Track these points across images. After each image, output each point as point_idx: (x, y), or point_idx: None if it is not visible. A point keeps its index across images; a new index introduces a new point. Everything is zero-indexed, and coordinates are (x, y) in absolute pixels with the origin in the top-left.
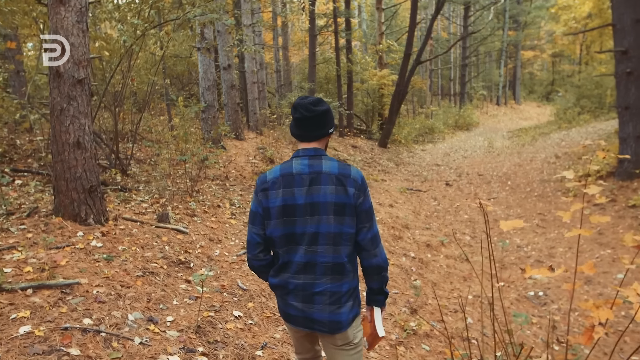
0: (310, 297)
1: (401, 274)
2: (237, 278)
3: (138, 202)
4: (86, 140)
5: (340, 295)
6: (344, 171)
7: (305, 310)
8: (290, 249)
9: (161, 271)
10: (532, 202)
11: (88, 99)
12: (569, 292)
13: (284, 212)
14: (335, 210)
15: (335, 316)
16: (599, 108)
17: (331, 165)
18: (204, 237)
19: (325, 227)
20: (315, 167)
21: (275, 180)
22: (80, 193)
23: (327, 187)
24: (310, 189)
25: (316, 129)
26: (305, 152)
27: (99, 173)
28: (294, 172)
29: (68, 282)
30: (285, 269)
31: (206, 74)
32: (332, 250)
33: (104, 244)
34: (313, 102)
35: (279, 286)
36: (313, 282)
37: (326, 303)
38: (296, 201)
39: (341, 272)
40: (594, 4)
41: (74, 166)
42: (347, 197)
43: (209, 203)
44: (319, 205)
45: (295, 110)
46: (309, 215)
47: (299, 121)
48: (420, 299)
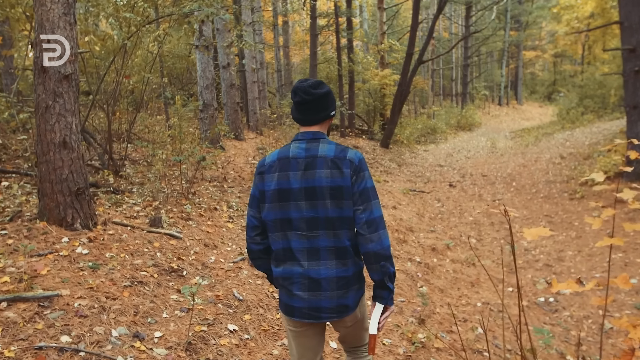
0: (317, 285)
1: (407, 280)
2: (233, 287)
3: (130, 205)
4: (73, 140)
5: (348, 279)
6: (340, 154)
7: (311, 300)
8: (285, 235)
9: (151, 280)
10: (538, 204)
11: (75, 95)
12: (590, 302)
13: (279, 196)
14: (332, 194)
15: (343, 300)
16: (603, 108)
17: (328, 149)
18: (199, 242)
19: (322, 211)
20: (312, 151)
21: (272, 164)
22: (67, 196)
23: (322, 172)
24: (305, 173)
25: (316, 112)
26: (304, 136)
27: (88, 174)
28: (290, 156)
29: (47, 294)
30: (286, 257)
31: (204, 72)
32: (333, 234)
33: (90, 250)
34: (312, 85)
35: (284, 276)
36: (318, 268)
37: (334, 289)
38: (291, 185)
39: (345, 256)
40: (597, 4)
41: (60, 167)
42: (342, 179)
43: (205, 206)
44: (314, 189)
45: (295, 94)
46: (304, 199)
47: (298, 105)
48: (427, 307)
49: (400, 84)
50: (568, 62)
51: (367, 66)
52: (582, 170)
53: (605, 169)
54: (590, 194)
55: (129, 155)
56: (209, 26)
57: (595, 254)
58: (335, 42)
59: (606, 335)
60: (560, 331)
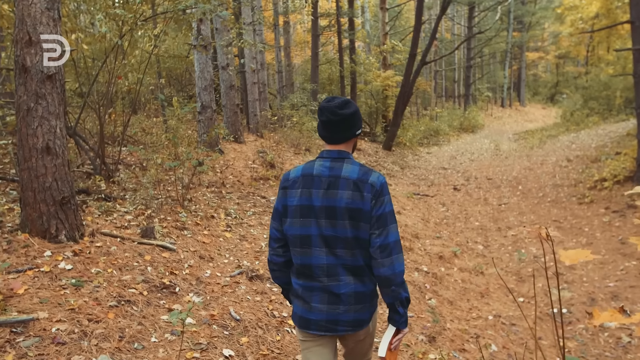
0: (336, 298)
1: (415, 293)
2: (230, 305)
3: (122, 213)
4: (57, 145)
5: (365, 295)
6: (363, 177)
7: (330, 312)
8: (306, 251)
9: (140, 299)
10: (546, 208)
11: (60, 97)
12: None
13: (301, 212)
14: (351, 215)
15: (360, 315)
16: (608, 110)
17: (352, 170)
18: (194, 254)
19: (342, 231)
20: (335, 171)
21: (296, 180)
22: (50, 205)
23: (344, 192)
24: (327, 192)
25: (342, 132)
26: (329, 154)
27: (79, 180)
28: (314, 174)
29: (21, 319)
30: (305, 271)
31: (203, 73)
32: (350, 254)
33: (74, 265)
34: (339, 105)
35: (304, 287)
36: (338, 283)
37: (352, 304)
38: (313, 202)
39: (362, 274)
40: (602, 4)
41: (43, 174)
42: (362, 202)
43: (201, 214)
44: (335, 209)
45: (322, 113)
46: (324, 218)
47: (325, 124)
48: (437, 323)
49: (403, 85)
50: (571, 63)
51: (369, 67)
52: (590, 173)
53: (615, 172)
54: (600, 199)
55: (124, 159)
56: (208, 25)
57: (608, 262)
58: (337, 43)
59: (624, 349)
60: (576, 345)
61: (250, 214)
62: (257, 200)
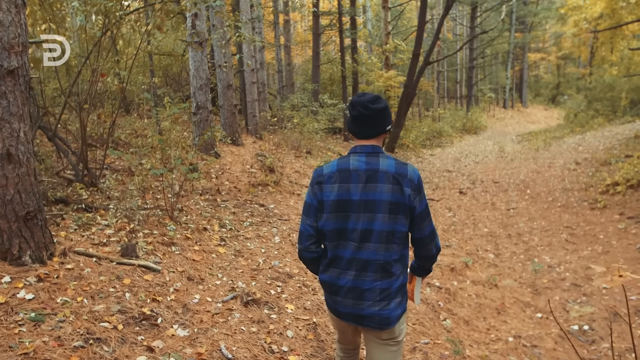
0: (360, 294)
1: (428, 313)
2: (221, 339)
3: (102, 227)
4: (21, 151)
5: (390, 292)
6: (401, 170)
7: (355, 307)
8: (340, 244)
9: (113, 335)
10: (557, 214)
11: (24, 95)
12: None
13: (338, 207)
14: (390, 209)
15: (384, 311)
16: (613, 111)
17: (388, 164)
18: (182, 275)
19: (379, 224)
20: (373, 165)
21: (332, 175)
22: (12, 222)
23: (384, 186)
24: (367, 186)
25: (374, 127)
26: (363, 149)
27: (59, 188)
28: (351, 168)
29: None
30: (335, 264)
31: (198, 71)
32: (384, 248)
33: (37, 294)
34: (371, 100)
35: (329, 283)
36: (364, 279)
37: (376, 300)
38: (351, 197)
39: (390, 270)
40: (607, 4)
41: (4, 186)
42: (402, 196)
43: (193, 226)
44: (374, 202)
45: (353, 107)
46: (362, 212)
47: (356, 119)
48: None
49: (406, 86)
50: (572, 64)
51: (371, 67)
52: (601, 177)
53: (628, 176)
54: (613, 204)
55: (110, 164)
56: (203, 21)
57: (625, 270)
58: (338, 42)
59: None
60: None
61: (247, 225)
62: (255, 209)
